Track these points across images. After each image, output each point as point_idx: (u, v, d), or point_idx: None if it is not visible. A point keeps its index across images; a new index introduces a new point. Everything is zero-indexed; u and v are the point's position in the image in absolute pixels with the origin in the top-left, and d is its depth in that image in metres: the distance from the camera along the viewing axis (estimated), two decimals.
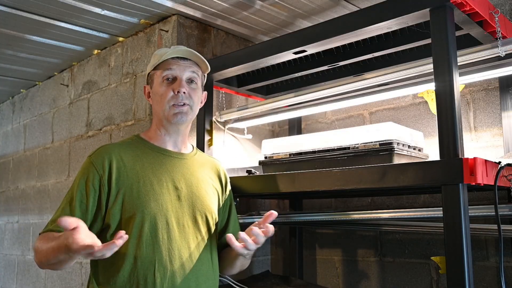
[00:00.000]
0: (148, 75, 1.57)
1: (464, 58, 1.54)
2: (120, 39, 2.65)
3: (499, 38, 1.48)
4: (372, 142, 1.58)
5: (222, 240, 1.56)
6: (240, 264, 1.58)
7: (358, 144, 1.62)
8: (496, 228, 1.30)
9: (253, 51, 1.94)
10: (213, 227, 1.52)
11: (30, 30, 2.52)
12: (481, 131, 1.94)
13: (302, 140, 1.84)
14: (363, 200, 2.28)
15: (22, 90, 3.68)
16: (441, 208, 1.28)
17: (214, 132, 2.14)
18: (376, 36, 1.73)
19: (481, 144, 1.92)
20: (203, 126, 2.05)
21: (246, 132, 2.45)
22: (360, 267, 2.26)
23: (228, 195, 1.64)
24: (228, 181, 1.66)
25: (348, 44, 1.81)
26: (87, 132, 2.85)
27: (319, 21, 2.31)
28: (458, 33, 1.52)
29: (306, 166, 1.72)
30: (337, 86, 1.88)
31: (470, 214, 1.26)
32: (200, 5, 2.24)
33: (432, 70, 1.37)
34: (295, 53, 1.78)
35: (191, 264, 1.41)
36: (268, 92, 2.41)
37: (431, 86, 1.69)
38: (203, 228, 1.48)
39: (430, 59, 1.40)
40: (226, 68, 1.95)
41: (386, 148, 1.54)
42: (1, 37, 2.60)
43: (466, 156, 1.26)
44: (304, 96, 1.99)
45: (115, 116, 2.63)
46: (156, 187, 1.42)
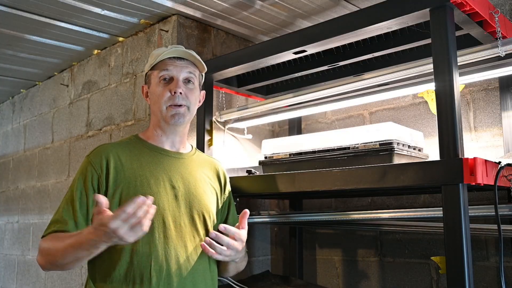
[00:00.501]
0: (146, 74, 1.57)
1: (464, 58, 1.54)
2: (120, 39, 2.65)
3: (499, 38, 1.48)
4: (372, 142, 1.58)
5: None
6: (234, 268, 1.58)
7: (358, 144, 1.62)
8: (496, 228, 1.30)
9: (253, 51, 1.94)
10: (210, 226, 1.51)
11: (30, 30, 2.52)
12: (481, 131, 1.94)
13: (302, 140, 1.84)
14: (363, 200, 2.28)
15: (22, 90, 3.68)
16: (441, 208, 1.28)
17: (214, 132, 2.14)
18: (376, 36, 1.73)
19: (481, 144, 1.92)
20: (203, 126, 2.05)
21: (246, 132, 2.45)
22: (360, 267, 2.26)
23: (227, 195, 1.64)
24: (228, 181, 1.66)
25: (348, 44, 1.81)
26: (87, 132, 2.85)
27: (319, 21, 2.31)
28: (458, 33, 1.52)
29: (306, 166, 1.72)
30: (337, 86, 1.88)
31: (470, 214, 1.26)
32: (200, 5, 2.24)
33: (432, 70, 1.37)
34: (295, 53, 1.78)
35: (188, 263, 1.41)
36: (268, 92, 2.41)
37: (431, 86, 1.69)
38: (201, 228, 1.48)
39: (430, 59, 1.40)
40: (226, 68, 1.95)
41: (386, 148, 1.54)
42: (1, 37, 2.60)
43: (466, 156, 1.26)
44: (304, 96, 1.99)
45: (115, 116, 2.63)
46: (153, 186, 1.42)
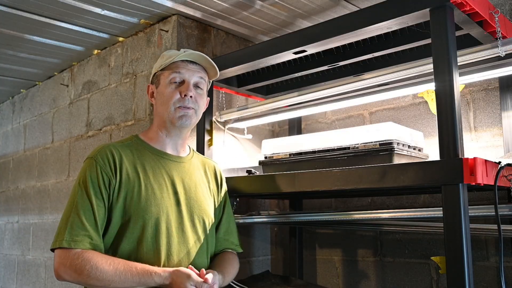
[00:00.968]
0: (154, 75, 1.55)
1: (464, 58, 1.54)
2: (120, 39, 2.65)
3: (499, 38, 1.48)
4: (372, 142, 1.58)
5: (215, 238, 1.59)
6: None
7: (358, 144, 1.62)
8: (496, 228, 1.30)
9: (253, 51, 1.94)
10: (210, 230, 1.53)
11: (30, 30, 2.52)
12: (481, 131, 1.94)
13: (302, 140, 1.84)
14: (363, 200, 2.28)
15: (22, 90, 3.68)
16: (441, 208, 1.28)
17: (214, 132, 2.14)
18: (376, 36, 1.73)
19: (481, 144, 1.92)
20: (203, 126, 2.05)
21: (246, 132, 2.45)
22: (360, 267, 2.26)
23: (223, 195, 1.65)
24: (224, 181, 1.68)
25: (348, 44, 1.81)
26: (87, 132, 2.85)
27: (319, 21, 2.31)
28: (458, 33, 1.52)
29: (306, 166, 1.72)
30: (337, 86, 1.88)
31: (470, 214, 1.26)
32: (200, 5, 2.24)
33: (432, 70, 1.37)
34: (295, 53, 1.78)
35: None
36: (268, 92, 2.41)
37: (431, 86, 1.69)
38: (201, 232, 1.49)
39: (430, 59, 1.39)
40: (226, 68, 1.95)
41: (386, 148, 1.54)
42: (1, 37, 2.60)
43: (466, 156, 1.26)
44: (304, 96, 1.99)
45: (115, 116, 2.63)
46: (157, 191, 1.42)
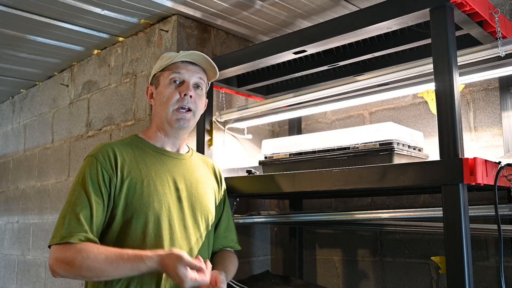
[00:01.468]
0: (154, 76, 1.55)
1: (464, 58, 1.54)
2: (120, 39, 2.65)
3: (499, 38, 1.48)
4: (372, 142, 1.58)
5: (214, 235, 1.60)
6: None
7: (358, 144, 1.62)
8: (496, 228, 1.30)
9: (253, 51, 1.94)
10: (211, 226, 1.54)
11: (30, 30, 2.52)
12: (481, 131, 1.94)
13: (302, 140, 1.84)
14: (363, 200, 2.28)
15: (22, 90, 3.68)
16: (441, 208, 1.28)
17: (214, 132, 2.14)
18: (376, 36, 1.73)
19: (481, 144, 1.92)
20: (203, 126, 2.05)
21: (246, 132, 2.45)
22: (360, 267, 2.26)
23: (223, 192, 1.66)
24: (223, 179, 1.69)
25: (348, 44, 1.81)
26: (87, 132, 2.85)
27: (319, 21, 2.31)
28: (458, 33, 1.52)
29: (306, 166, 1.72)
30: (337, 86, 1.88)
31: (470, 214, 1.26)
32: (200, 5, 2.24)
33: (432, 70, 1.37)
34: (295, 53, 1.78)
35: None
36: (268, 92, 2.41)
37: (431, 86, 1.69)
38: (203, 228, 1.50)
39: (430, 59, 1.39)
40: (226, 68, 1.95)
41: (386, 148, 1.54)
42: (1, 37, 2.60)
43: (466, 156, 1.26)
44: (304, 96, 1.99)
45: (115, 116, 2.63)
46: (159, 187, 1.42)
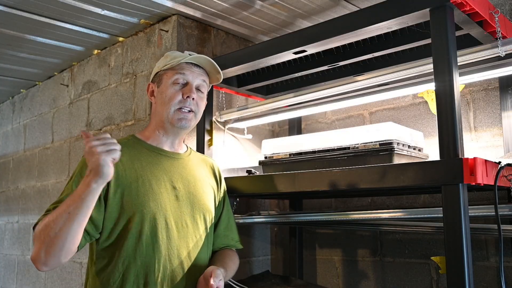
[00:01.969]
0: (156, 74, 1.55)
1: (464, 58, 1.54)
2: (120, 39, 2.65)
3: (499, 38, 1.48)
4: (372, 142, 1.58)
5: (214, 234, 1.59)
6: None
7: (358, 144, 1.62)
8: (496, 228, 1.30)
9: (253, 51, 1.94)
10: (210, 225, 1.54)
11: (30, 30, 2.52)
12: (481, 131, 1.94)
13: (302, 140, 1.84)
14: (363, 200, 2.28)
15: (22, 90, 3.68)
16: (441, 208, 1.28)
17: (214, 132, 2.14)
18: (376, 36, 1.73)
19: (481, 144, 1.92)
20: (203, 126, 2.05)
21: (246, 132, 2.45)
22: (360, 267, 2.26)
23: (222, 192, 1.66)
24: (223, 178, 1.69)
25: (348, 44, 1.81)
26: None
27: (319, 21, 2.31)
28: (458, 33, 1.52)
29: (306, 166, 1.72)
30: (337, 86, 1.88)
31: (470, 214, 1.26)
32: (200, 5, 2.24)
33: (432, 70, 1.37)
34: (295, 53, 1.78)
35: (190, 262, 1.43)
36: (268, 92, 2.41)
37: (431, 86, 1.69)
38: (202, 227, 1.49)
39: (430, 59, 1.40)
40: (226, 68, 1.94)
41: (386, 148, 1.54)
42: (1, 37, 2.60)
43: (466, 156, 1.26)
44: (304, 96, 1.99)
45: (115, 116, 2.63)
46: (155, 187, 1.43)
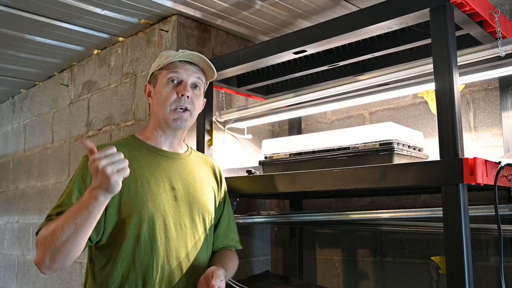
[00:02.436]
0: (152, 74, 1.56)
1: (464, 58, 1.54)
2: (120, 39, 2.65)
3: (499, 38, 1.48)
4: (372, 142, 1.58)
5: (214, 235, 1.59)
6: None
7: (358, 144, 1.62)
8: (496, 228, 1.30)
9: (253, 51, 1.94)
10: (210, 225, 1.54)
11: (30, 30, 2.51)
12: (481, 131, 1.94)
13: (302, 140, 1.84)
14: (363, 200, 2.28)
15: (22, 90, 3.68)
16: (441, 208, 1.28)
17: (214, 132, 2.14)
18: (376, 36, 1.73)
19: (481, 144, 1.92)
20: (203, 126, 2.05)
21: (246, 132, 2.45)
22: (360, 267, 2.26)
23: (223, 192, 1.66)
24: (223, 178, 1.68)
25: (348, 44, 1.81)
26: (87, 132, 2.85)
27: (319, 21, 2.31)
28: (458, 33, 1.52)
29: (306, 166, 1.72)
30: (337, 86, 1.88)
31: (470, 214, 1.26)
32: (200, 5, 2.24)
33: (432, 70, 1.37)
34: (295, 53, 1.78)
35: (189, 263, 1.42)
36: (268, 92, 2.41)
37: (431, 86, 1.69)
38: (201, 228, 1.49)
39: (430, 59, 1.39)
40: (226, 68, 1.95)
41: (386, 148, 1.54)
42: (1, 37, 2.60)
43: (466, 156, 1.26)
44: (304, 96, 1.99)
45: (115, 116, 2.63)
46: (154, 187, 1.42)
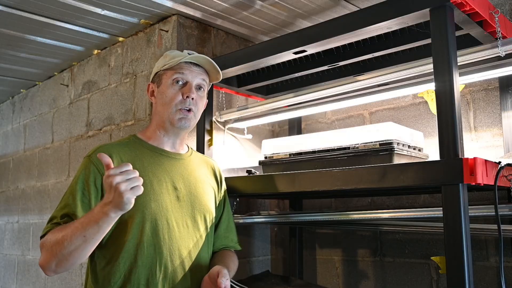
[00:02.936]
0: (156, 74, 1.55)
1: (464, 58, 1.54)
2: (120, 39, 2.65)
3: (499, 38, 1.48)
4: (372, 142, 1.58)
5: (214, 235, 1.59)
6: None
7: (358, 144, 1.62)
8: (496, 228, 1.30)
9: (253, 51, 1.94)
10: (211, 225, 1.54)
11: (30, 30, 2.52)
12: (481, 131, 1.94)
13: (302, 140, 1.84)
14: (363, 200, 2.28)
15: (22, 90, 3.68)
16: (441, 208, 1.28)
17: (214, 132, 2.14)
18: (376, 36, 1.73)
19: (481, 144, 1.92)
20: (203, 126, 2.05)
21: (246, 132, 2.45)
22: (360, 267, 2.26)
23: (223, 193, 1.66)
24: (223, 178, 1.69)
25: (348, 44, 1.81)
26: (87, 132, 2.85)
27: (319, 21, 2.31)
28: (458, 33, 1.52)
29: (306, 166, 1.72)
30: (337, 86, 1.88)
31: (470, 214, 1.26)
32: (200, 5, 2.24)
33: (432, 70, 1.37)
34: (295, 53, 1.78)
35: (191, 262, 1.43)
36: (268, 92, 2.41)
37: (431, 86, 1.69)
38: (202, 227, 1.50)
39: (430, 59, 1.39)
40: (226, 68, 1.94)
41: (386, 148, 1.54)
42: (1, 37, 2.60)
43: (466, 156, 1.26)
44: (304, 96, 1.99)
45: (115, 116, 2.63)
46: (156, 187, 1.43)
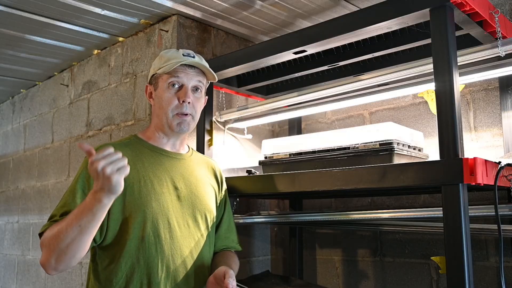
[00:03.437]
0: (153, 76, 1.55)
1: (464, 58, 1.54)
2: (120, 39, 2.65)
3: (499, 38, 1.48)
4: (372, 142, 1.58)
5: (215, 236, 1.59)
6: None
7: (358, 144, 1.62)
8: (496, 228, 1.30)
9: (253, 51, 1.94)
10: (212, 225, 1.54)
11: (30, 30, 2.52)
12: (481, 131, 1.94)
13: (302, 140, 1.84)
14: (363, 200, 2.28)
15: (22, 90, 3.68)
16: (441, 208, 1.28)
17: (214, 132, 2.14)
18: (376, 36, 1.73)
19: (481, 144, 1.92)
20: (203, 126, 2.05)
21: (246, 132, 2.45)
22: (360, 267, 2.26)
23: (224, 193, 1.66)
24: (224, 179, 1.68)
25: (348, 44, 1.81)
26: (87, 132, 2.85)
27: (319, 21, 2.31)
28: (458, 33, 1.52)
29: (306, 166, 1.72)
30: (337, 86, 1.88)
31: (470, 214, 1.26)
32: (200, 5, 2.24)
33: (432, 70, 1.37)
34: (295, 53, 1.78)
35: (193, 261, 1.43)
36: (268, 92, 2.41)
37: (431, 86, 1.69)
38: (203, 227, 1.50)
39: (430, 59, 1.40)
40: (226, 68, 1.95)
41: (386, 148, 1.54)
42: (1, 37, 2.60)
43: (466, 156, 1.26)
44: (304, 96, 1.99)
45: (115, 116, 2.63)
46: (157, 187, 1.43)
